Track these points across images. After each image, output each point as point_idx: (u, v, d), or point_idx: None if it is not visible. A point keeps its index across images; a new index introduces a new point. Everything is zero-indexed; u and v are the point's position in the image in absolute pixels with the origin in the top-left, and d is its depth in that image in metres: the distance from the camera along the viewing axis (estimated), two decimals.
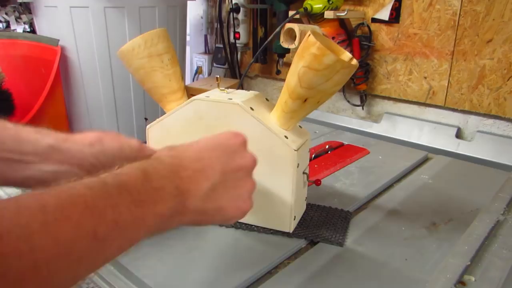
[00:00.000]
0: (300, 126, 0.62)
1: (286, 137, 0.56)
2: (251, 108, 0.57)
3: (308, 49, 0.49)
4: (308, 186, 0.65)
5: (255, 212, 0.52)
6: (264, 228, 0.61)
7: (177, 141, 0.62)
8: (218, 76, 0.65)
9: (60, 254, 0.25)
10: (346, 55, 0.51)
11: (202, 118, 0.59)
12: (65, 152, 0.41)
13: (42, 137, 0.42)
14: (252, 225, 0.62)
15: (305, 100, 0.53)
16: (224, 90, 0.62)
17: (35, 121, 1.13)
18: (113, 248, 0.29)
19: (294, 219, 0.60)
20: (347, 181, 0.79)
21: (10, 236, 0.23)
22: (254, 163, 0.43)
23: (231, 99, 0.58)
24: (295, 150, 0.56)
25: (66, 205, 0.27)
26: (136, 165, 0.34)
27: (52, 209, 0.26)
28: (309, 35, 0.49)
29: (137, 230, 0.31)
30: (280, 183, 0.58)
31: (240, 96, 0.60)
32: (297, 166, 0.57)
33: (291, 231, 0.60)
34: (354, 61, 0.50)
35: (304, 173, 0.61)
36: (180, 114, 0.61)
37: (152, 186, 0.33)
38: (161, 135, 0.64)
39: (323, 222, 0.64)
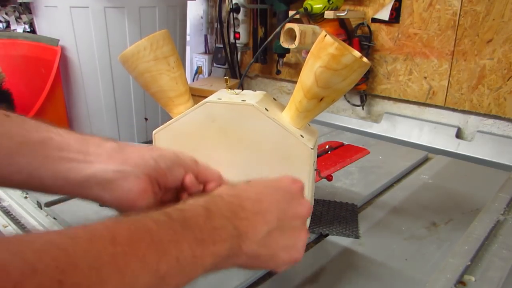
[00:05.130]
0: (308, 124, 0.62)
1: (302, 136, 0.57)
2: (266, 109, 0.57)
3: (325, 50, 0.50)
4: (316, 181, 0.66)
5: None
6: None
7: (188, 145, 0.62)
8: (227, 78, 0.64)
9: None
10: (356, 53, 0.52)
11: (215, 121, 0.59)
12: (127, 153, 0.42)
13: (105, 140, 0.43)
14: None
15: (321, 99, 0.54)
16: (233, 91, 0.61)
17: None
18: (171, 285, 0.29)
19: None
20: (347, 181, 0.79)
21: (83, 266, 0.23)
22: (310, 211, 0.43)
23: (245, 100, 0.57)
24: (311, 149, 0.56)
25: (134, 238, 0.27)
26: (199, 202, 0.35)
27: (121, 241, 0.26)
28: (325, 35, 0.50)
29: (195, 268, 0.31)
30: None
31: (251, 96, 0.59)
32: (313, 164, 0.57)
33: (307, 227, 0.60)
34: (365, 59, 0.51)
35: (315, 169, 0.61)
36: (190, 118, 0.60)
37: (213, 225, 0.33)
38: (169, 140, 0.62)
39: (332, 216, 0.65)
